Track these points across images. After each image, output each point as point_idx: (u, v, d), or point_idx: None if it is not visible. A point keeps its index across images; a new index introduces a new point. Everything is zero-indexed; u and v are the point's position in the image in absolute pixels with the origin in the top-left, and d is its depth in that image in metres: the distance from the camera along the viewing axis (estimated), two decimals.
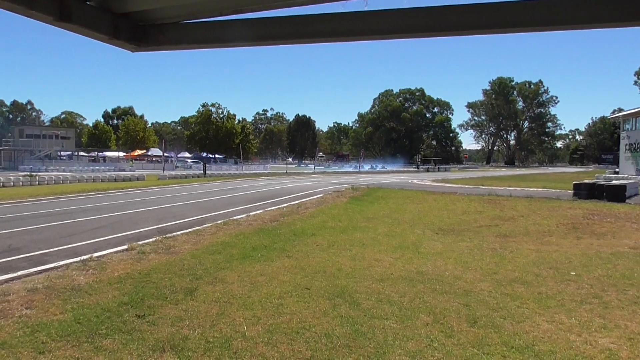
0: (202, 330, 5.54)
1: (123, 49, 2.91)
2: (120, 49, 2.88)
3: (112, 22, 2.70)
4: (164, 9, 2.78)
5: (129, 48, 2.91)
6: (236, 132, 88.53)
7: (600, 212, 16.78)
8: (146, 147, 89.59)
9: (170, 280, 7.62)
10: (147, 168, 64.33)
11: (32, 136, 67.20)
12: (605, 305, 6.67)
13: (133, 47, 2.91)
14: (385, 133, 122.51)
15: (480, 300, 6.80)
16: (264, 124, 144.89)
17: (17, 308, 6.25)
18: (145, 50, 2.96)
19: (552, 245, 11.03)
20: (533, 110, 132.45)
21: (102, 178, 37.79)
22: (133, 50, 2.95)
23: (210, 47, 2.98)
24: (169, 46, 3.00)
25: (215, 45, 2.96)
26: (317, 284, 7.51)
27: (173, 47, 3.05)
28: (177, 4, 2.72)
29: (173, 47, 3.05)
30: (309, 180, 41.14)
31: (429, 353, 4.99)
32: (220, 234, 11.97)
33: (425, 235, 12.32)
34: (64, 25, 2.43)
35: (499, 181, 38.84)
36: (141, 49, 2.94)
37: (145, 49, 2.96)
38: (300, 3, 2.63)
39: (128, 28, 2.81)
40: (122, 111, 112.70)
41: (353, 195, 23.90)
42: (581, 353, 5.05)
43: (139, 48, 2.93)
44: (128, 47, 2.89)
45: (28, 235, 12.07)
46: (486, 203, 19.93)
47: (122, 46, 2.86)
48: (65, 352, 4.90)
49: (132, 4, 2.70)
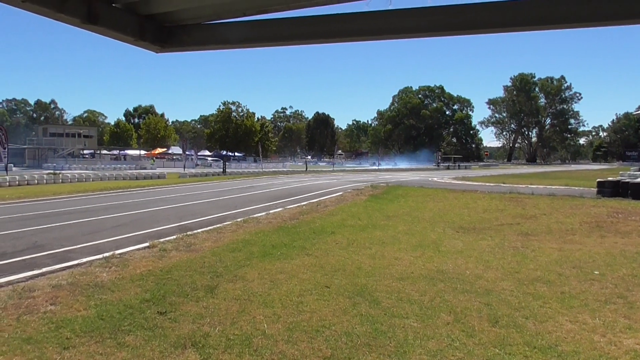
0: (223, 327, 5.58)
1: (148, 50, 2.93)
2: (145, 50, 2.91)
3: (138, 23, 2.73)
4: (189, 10, 2.80)
5: (154, 49, 2.94)
6: (255, 130, 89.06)
7: (625, 210, 16.46)
8: (167, 146, 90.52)
9: (191, 277, 7.69)
10: (167, 166, 65.01)
11: (55, 135, 68.39)
12: (631, 306, 6.55)
13: (158, 48, 2.93)
14: (404, 130, 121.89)
15: (502, 300, 6.72)
16: (283, 122, 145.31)
17: (42, 304, 6.36)
18: (170, 51, 2.99)
19: (575, 244, 10.86)
20: (555, 107, 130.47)
21: (124, 176, 38.29)
22: (158, 52, 2.98)
23: (235, 48, 2.99)
24: (194, 47, 3.02)
25: (240, 45, 2.97)
26: (337, 282, 7.51)
27: (197, 48, 3.07)
28: (202, 4, 2.73)
29: (197, 48, 3.07)
30: (328, 178, 41.15)
31: (449, 352, 4.95)
32: (240, 232, 12.04)
33: (445, 233, 12.23)
34: (91, 27, 2.46)
35: (520, 179, 38.40)
36: (166, 49, 2.96)
37: (170, 50, 2.98)
38: (324, 2, 2.62)
39: (153, 29, 2.83)
40: (143, 110, 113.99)
41: (372, 193, 23.84)
42: (605, 354, 4.97)
43: (164, 49, 2.96)
44: (153, 48, 2.91)
45: (52, 232, 12.28)
46: (507, 201, 19.70)
47: (148, 47, 2.89)
48: (88, 348, 4.98)
49: (158, 6, 2.72)
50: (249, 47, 3.01)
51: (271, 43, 3.06)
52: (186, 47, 3.01)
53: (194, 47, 3.04)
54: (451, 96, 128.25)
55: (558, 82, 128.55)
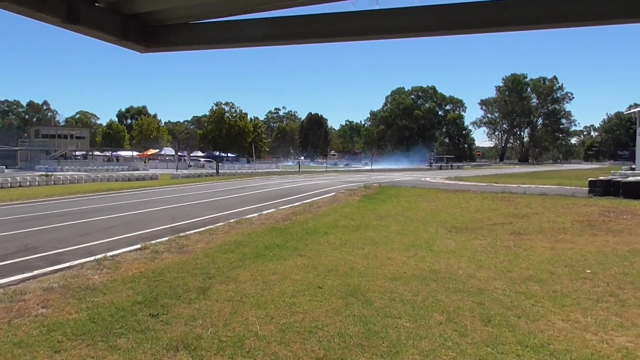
0: (215, 329, 5.56)
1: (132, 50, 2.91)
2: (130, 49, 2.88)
3: (121, 23, 2.70)
4: (174, 9, 2.78)
5: (138, 49, 2.91)
6: (248, 130, 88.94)
7: (617, 209, 16.55)
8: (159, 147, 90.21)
9: (184, 279, 7.66)
10: (160, 167, 64.70)
11: (47, 136, 67.98)
12: (622, 304, 6.58)
13: (142, 48, 2.91)
14: (397, 131, 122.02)
15: (494, 299, 6.74)
16: (277, 123, 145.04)
17: (34, 307, 6.32)
18: (155, 51, 2.96)
19: (567, 243, 10.91)
20: (547, 107, 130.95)
21: (116, 177, 38.10)
22: (142, 51, 2.95)
23: (221, 48, 2.97)
24: (179, 47, 2.99)
25: (226, 45, 2.95)
26: (329, 282, 7.50)
27: (183, 48, 3.05)
28: (187, 4, 2.71)
29: (183, 48, 3.05)
30: (321, 179, 41.15)
31: (442, 352, 4.96)
32: (232, 233, 12.01)
33: (438, 233, 12.26)
34: (72, 27, 2.43)
35: (512, 178, 38.53)
36: (150, 49, 2.93)
37: (155, 50, 2.95)
38: (310, 2, 2.61)
39: (138, 29, 2.80)
40: (135, 111, 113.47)
41: (365, 193, 23.85)
42: (597, 352, 4.99)
43: (149, 49, 2.93)
44: (137, 48, 2.89)
45: (44, 234, 12.21)
46: (500, 201, 19.78)
47: (132, 47, 2.86)
48: (80, 351, 4.94)
49: (142, 5, 2.69)
50: (235, 47, 3.00)
51: (257, 43, 3.05)
52: (171, 47, 2.98)
53: (180, 47, 3.02)
54: (444, 97, 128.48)
55: (550, 82, 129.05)
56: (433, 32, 2.68)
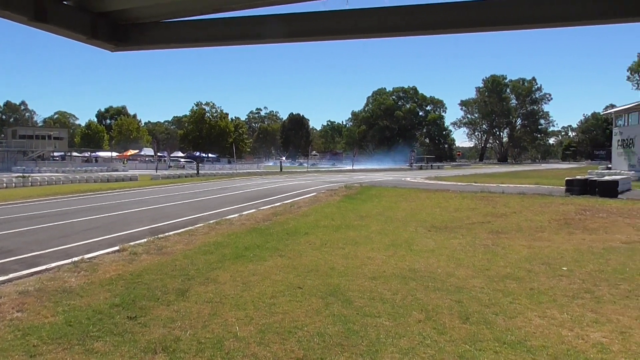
0: (194, 331, 5.52)
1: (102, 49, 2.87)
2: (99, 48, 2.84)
3: (90, 21, 2.66)
4: (144, 8, 2.75)
5: (108, 48, 2.88)
6: (229, 131, 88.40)
7: (593, 208, 16.86)
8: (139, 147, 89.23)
9: (162, 281, 7.59)
10: (140, 168, 64.01)
11: (25, 137, 66.67)
12: (598, 300, 6.71)
13: (112, 47, 2.87)
14: (378, 131, 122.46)
15: (473, 297, 6.81)
16: (258, 123, 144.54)
17: (8, 311, 6.20)
18: (125, 49, 2.93)
19: (544, 241, 11.06)
20: (526, 108, 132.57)
21: (95, 178, 37.58)
22: (112, 50, 2.91)
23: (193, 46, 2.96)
24: (150, 45, 2.97)
25: (198, 44, 2.94)
26: (309, 283, 7.50)
27: (154, 47, 3.03)
28: (157, 2, 2.69)
29: (154, 47, 3.03)
30: (302, 179, 41.09)
31: (421, 350, 4.99)
32: (212, 234, 11.93)
33: (417, 232, 12.34)
34: (39, 25, 2.39)
35: (491, 178, 38.95)
36: (120, 48, 2.90)
37: (125, 49, 2.92)
38: (279, 2, 2.61)
39: (107, 27, 2.77)
40: (115, 111, 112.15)
41: (346, 193, 23.90)
42: (573, 348, 5.07)
43: (118, 48, 2.89)
44: (107, 47, 2.85)
45: (21, 237, 12.00)
46: (479, 200, 19.98)
47: (101, 46, 2.83)
48: (56, 355, 4.87)
49: (111, 4, 2.66)
50: (207, 46, 2.99)
51: (227, 42, 3.03)
52: (142, 46, 2.95)
53: (150, 46, 2.99)
54: (424, 97, 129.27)
55: (529, 83, 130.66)
56: (404, 32, 2.70)
